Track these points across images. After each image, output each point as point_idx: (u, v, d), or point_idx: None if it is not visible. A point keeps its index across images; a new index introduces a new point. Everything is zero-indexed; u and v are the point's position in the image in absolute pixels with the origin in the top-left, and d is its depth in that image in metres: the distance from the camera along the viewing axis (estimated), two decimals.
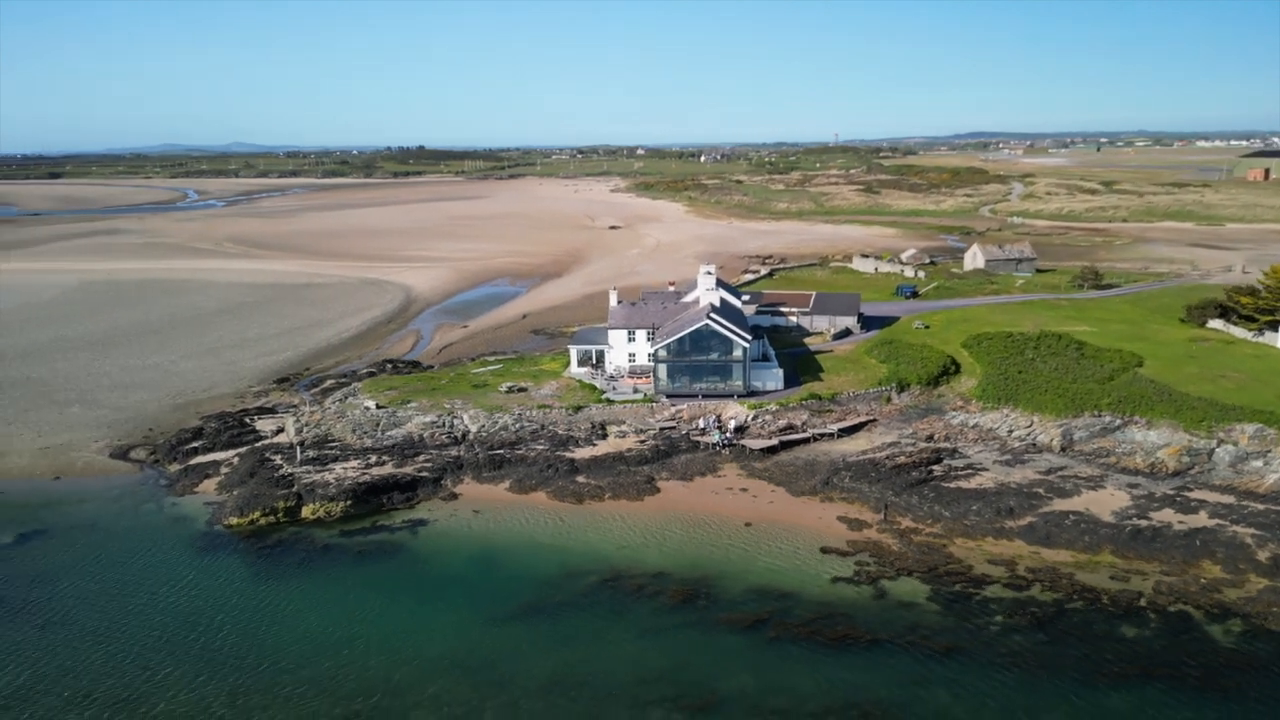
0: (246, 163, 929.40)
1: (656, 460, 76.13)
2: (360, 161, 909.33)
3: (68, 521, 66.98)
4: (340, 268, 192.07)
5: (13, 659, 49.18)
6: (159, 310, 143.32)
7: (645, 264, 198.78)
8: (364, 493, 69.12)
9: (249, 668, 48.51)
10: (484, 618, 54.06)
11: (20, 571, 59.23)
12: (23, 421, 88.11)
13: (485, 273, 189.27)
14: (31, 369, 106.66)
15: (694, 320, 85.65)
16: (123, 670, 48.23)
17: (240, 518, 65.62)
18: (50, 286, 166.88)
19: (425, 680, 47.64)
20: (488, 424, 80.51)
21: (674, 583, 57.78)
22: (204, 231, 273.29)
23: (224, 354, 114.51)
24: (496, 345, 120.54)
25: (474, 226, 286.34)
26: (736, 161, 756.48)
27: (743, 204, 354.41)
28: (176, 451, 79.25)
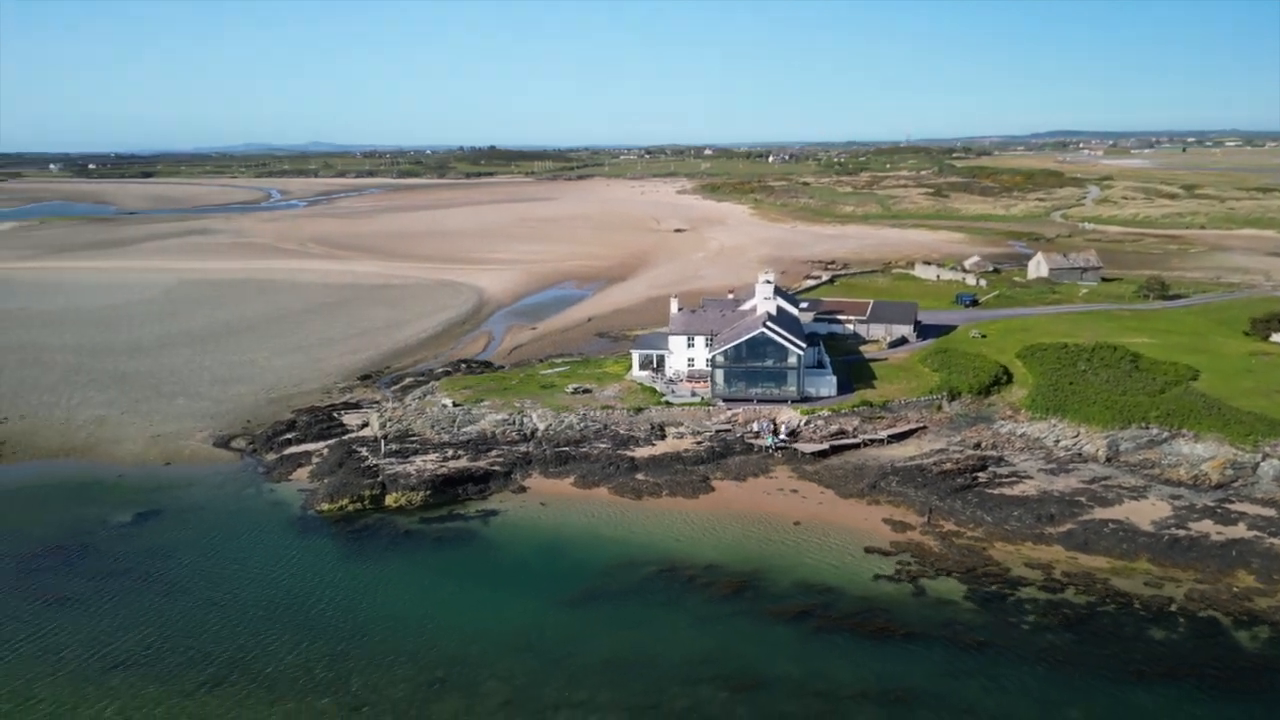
0: (325, 163, 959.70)
1: (712, 461, 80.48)
2: (434, 162, 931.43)
3: (179, 503, 74.48)
4: (415, 269, 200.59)
5: (142, 622, 56.17)
6: (251, 309, 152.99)
7: (709, 268, 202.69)
8: (441, 484, 75.05)
9: (344, 636, 54.58)
10: (549, 601, 59.23)
11: (142, 546, 66.64)
12: (135, 411, 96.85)
13: (553, 275, 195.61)
14: (140, 363, 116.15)
15: (751, 328, 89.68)
16: (235, 634, 54.78)
17: (331, 504, 72.15)
18: (150, 285, 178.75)
19: (496, 655, 52.97)
20: (554, 423, 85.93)
21: (725, 575, 62.14)
22: (288, 232, 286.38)
23: (311, 351, 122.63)
24: (563, 347, 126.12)
25: (543, 228, 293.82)
26: (805, 162, 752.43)
27: (808, 207, 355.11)
28: (272, 442, 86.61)
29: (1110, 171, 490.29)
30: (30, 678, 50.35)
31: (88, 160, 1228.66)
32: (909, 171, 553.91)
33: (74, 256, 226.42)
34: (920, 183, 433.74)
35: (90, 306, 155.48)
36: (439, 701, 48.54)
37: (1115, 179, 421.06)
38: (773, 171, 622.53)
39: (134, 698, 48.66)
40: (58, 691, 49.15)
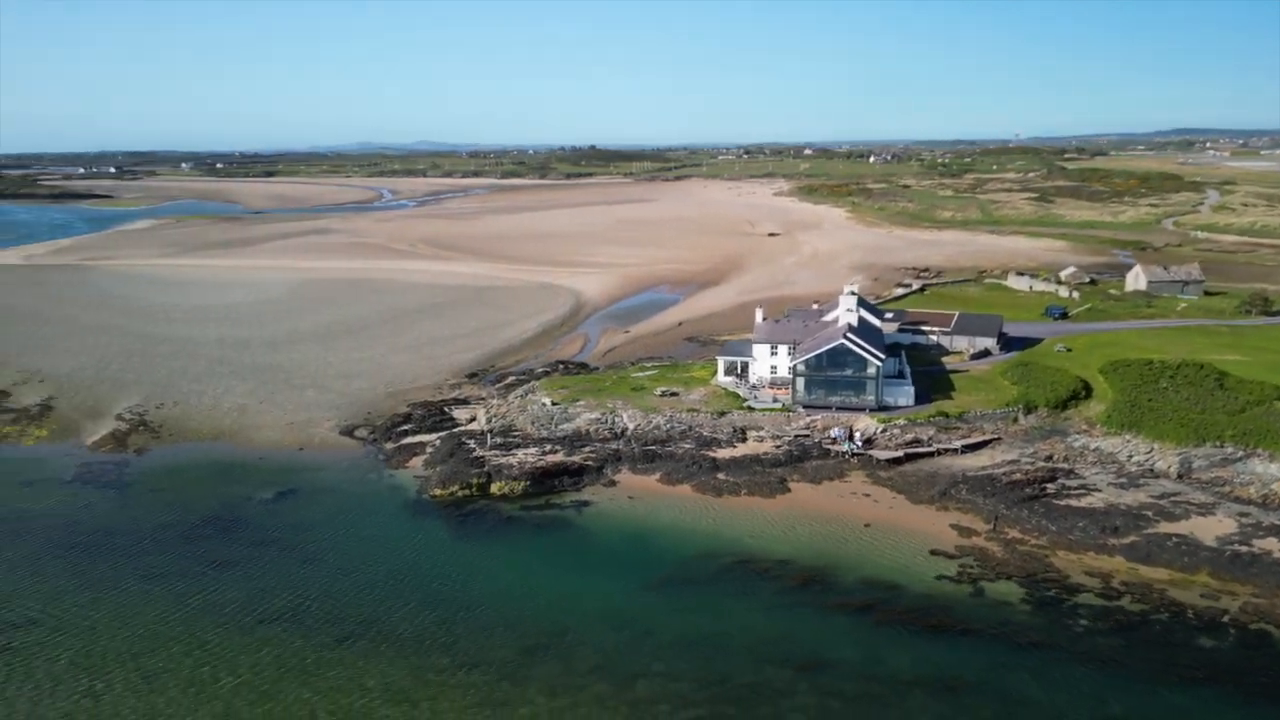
0: (433, 163, 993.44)
1: (789, 464, 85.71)
2: (536, 162, 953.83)
3: (312, 485, 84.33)
4: (517, 271, 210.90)
5: (286, 584, 65.47)
6: (368, 308, 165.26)
7: (800, 273, 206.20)
8: (540, 476, 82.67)
9: (455, 606, 62.53)
10: (634, 584, 65.86)
11: (283, 521, 76.45)
12: (272, 401, 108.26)
13: (647, 279, 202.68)
14: (274, 357, 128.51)
15: (832, 338, 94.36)
16: (363, 599, 63.43)
17: (442, 490, 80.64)
18: (277, 283, 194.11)
19: (587, 628, 59.94)
20: (643, 423, 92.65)
21: (796, 569, 67.56)
22: (399, 232, 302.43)
23: (424, 350, 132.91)
24: (654, 350, 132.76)
25: (638, 231, 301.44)
26: (907, 163, 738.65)
27: (906, 211, 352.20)
28: (391, 432, 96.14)
29: (1233, 174, 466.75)
30: (200, 627, 60.00)
31: (215, 159, 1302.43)
32: (1015, 174, 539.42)
33: (209, 255, 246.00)
34: (1026, 186, 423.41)
35: (227, 303, 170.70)
36: (538, 665, 55.76)
37: (1238, 183, 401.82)
38: (873, 173, 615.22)
39: (284, 648, 57.58)
40: (223, 639, 58.54)
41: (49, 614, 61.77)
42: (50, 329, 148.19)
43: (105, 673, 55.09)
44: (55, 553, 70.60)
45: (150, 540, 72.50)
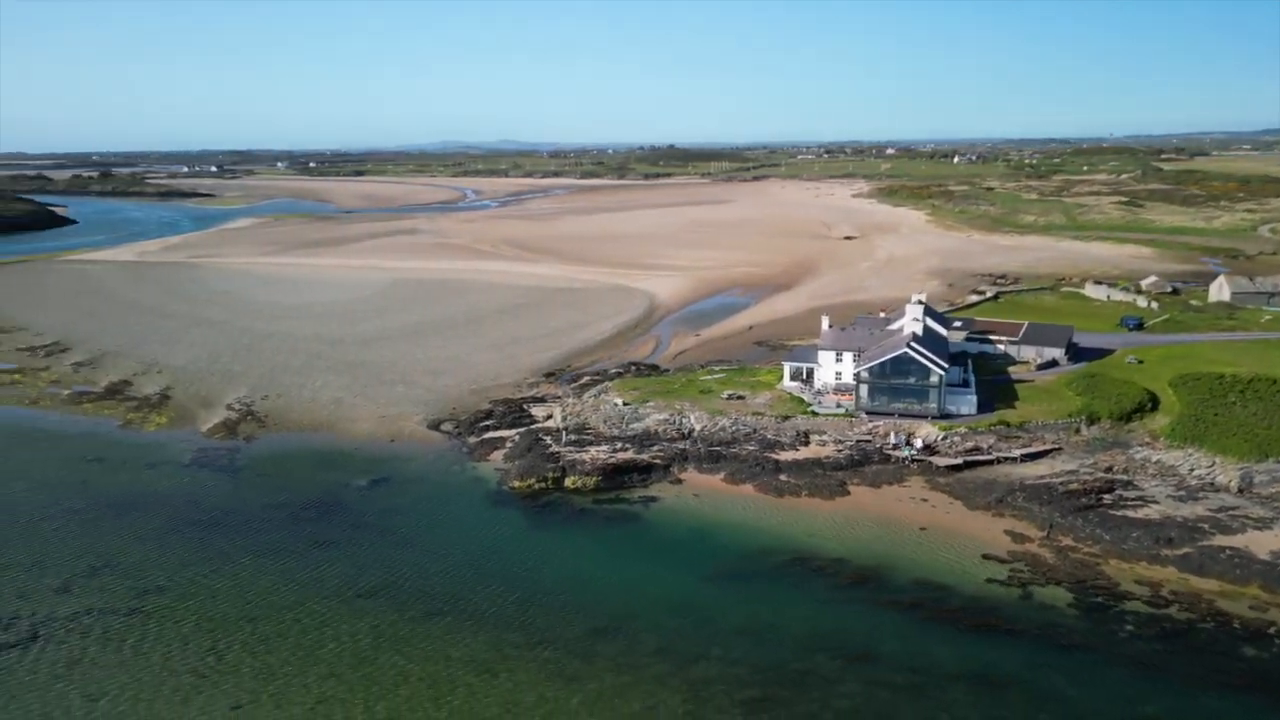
0: (515, 163, 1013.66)
1: (850, 468, 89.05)
2: (614, 162, 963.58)
3: (402, 474, 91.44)
4: (594, 273, 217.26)
5: (380, 563, 72.26)
6: (454, 308, 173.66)
7: (873, 279, 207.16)
8: (611, 472, 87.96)
9: (530, 588, 68.25)
10: (696, 575, 70.52)
11: (377, 506, 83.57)
12: (365, 396, 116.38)
13: (720, 282, 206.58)
14: (366, 354, 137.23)
15: (895, 347, 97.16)
16: (449, 579, 69.67)
17: (521, 482, 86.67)
18: (369, 283, 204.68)
19: (650, 613, 64.87)
20: (709, 425, 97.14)
21: (850, 568, 71.22)
22: (483, 233, 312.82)
23: (505, 349, 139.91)
24: (723, 354, 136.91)
25: (713, 233, 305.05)
26: (993, 164, 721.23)
27: (988, 215, 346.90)
28: (474, 427, 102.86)
29: None
30: (306, 598, 67.11)
31: (309, 158, 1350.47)
32: (1107, 175, 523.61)
33: (305, 254, 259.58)
34: (1116, 189, 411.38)
35: (323, 301, 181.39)
36: (605, 644, 60.97)
37: None
38: (956, 174, 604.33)
39: (379, 619, 64.14)
40: (326, 609, 65.48)
41: (175, 582, 69.76)
42: (165, 323, 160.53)
43: (225, 635, 62.46)
44: (178, 528, 78.99)
45: (260, 520, 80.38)
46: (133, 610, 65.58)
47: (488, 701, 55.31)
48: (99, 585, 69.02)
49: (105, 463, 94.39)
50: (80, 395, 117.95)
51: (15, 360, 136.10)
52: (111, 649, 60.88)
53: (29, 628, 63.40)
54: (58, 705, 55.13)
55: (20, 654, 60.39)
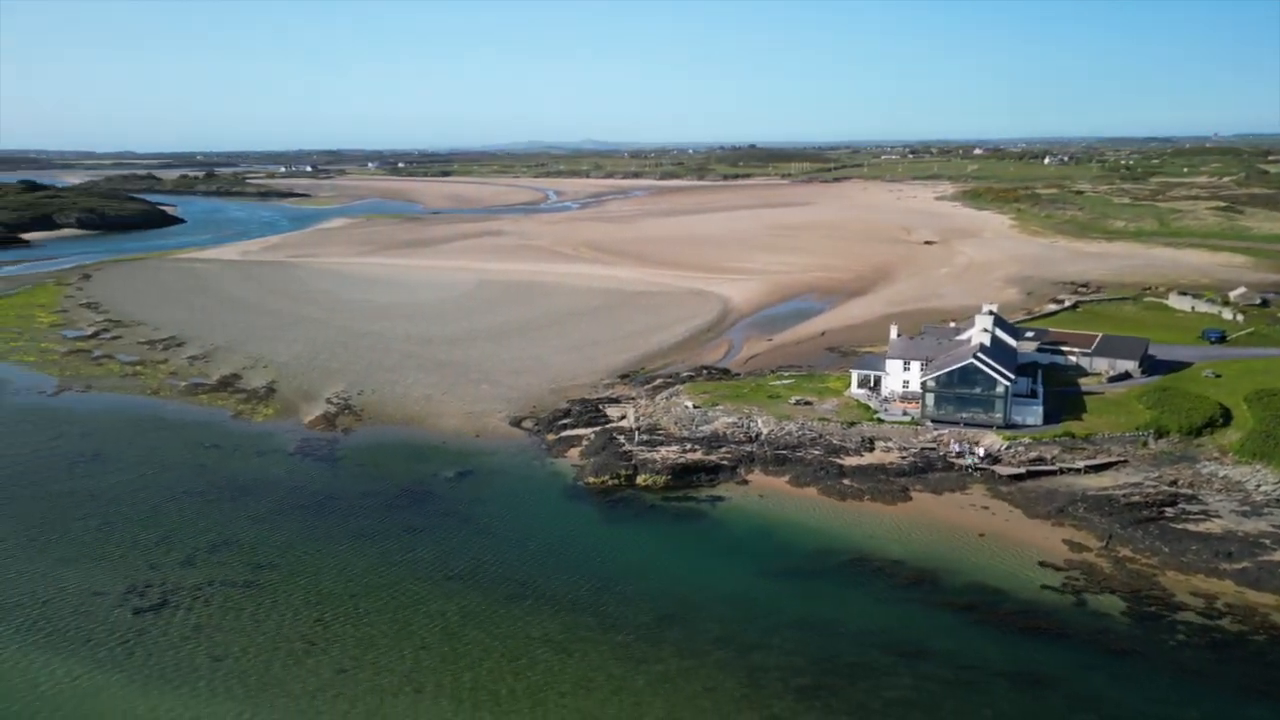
0: (596, 163, 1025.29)
1: (913, 474, 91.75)
2: (694, 163, 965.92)
3: (486, 467, 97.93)
4: (670, 276, 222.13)
5: (466, 548, 78.59)
6: (535, 309, 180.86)
7: (950, 286, 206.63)
8: (680, 471, 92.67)
9: (602, 576, 73.53)
10: (758, 571, 74.71)
11: (462, 496, 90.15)
12: (452, 393, 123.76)
13: (794, 287, 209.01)
14: (454, 353, 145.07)
15: (962, 358, 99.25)
16: (528, 565, 75.48)
17: (595, 478, 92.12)
18: (456, 284, 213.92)
19: (713, 604, 69.39)
20: (776, 429, 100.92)
21: (907, 570, 74.37)
22: (564, 235, 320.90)
23: (583, 350, 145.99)
24: (794, 359, 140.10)
25: (790, 237, 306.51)
26: (1086, 165, 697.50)
27: (1075, 220, 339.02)
28: (552, 425, 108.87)
29: None
30: (400, 578, 73.79)
31: (398, 158, 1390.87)
32: (1208, 178, 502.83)
33: (396, 254, 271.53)
34: (1215, 193, 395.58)
35: (415, 301, 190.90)
36: (669, 630, 65.78)
37: None
38: (1045, 176, 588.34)
39: (465, 600, 70.31)
40: (418, 589, 71.99)
41: (285, 559, 77.33)
42: (269, 320, 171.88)
43: (330, 608, 69.47)
44: (286, 511, 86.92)
45: (358, 506, 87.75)
46: (249, 583, 73.23)
47: (562, 677, 60.73)
48: (219, 560, 77.06)
49: (220, 449, 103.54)
50: (195, 387, 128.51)
51: (137, 353, 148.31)
52: (231, 616, 68.45)
53: (159, 595, 71.55)
54: (188, 663, 62.70)
55: (153, 618, 68.43)
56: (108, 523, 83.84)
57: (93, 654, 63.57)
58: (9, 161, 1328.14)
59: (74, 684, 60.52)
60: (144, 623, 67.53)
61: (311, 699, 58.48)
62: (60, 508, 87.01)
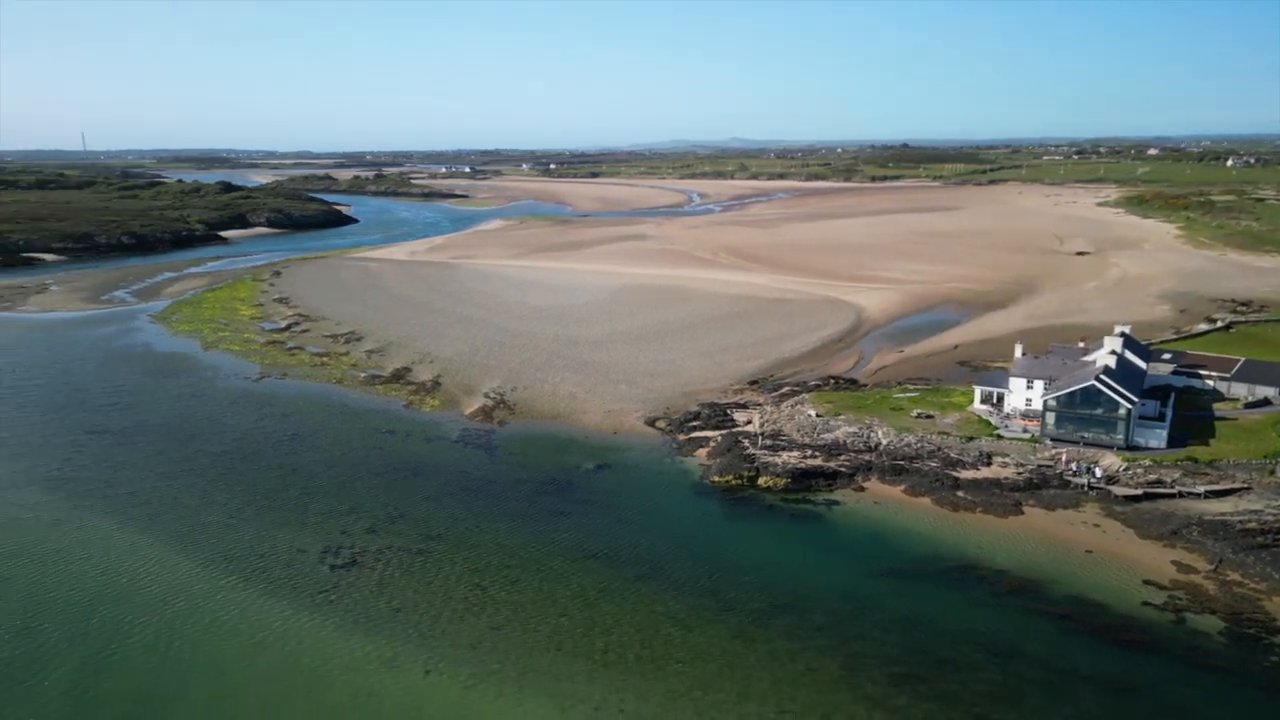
0: (740, 164, 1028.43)
1: (1028, 490, 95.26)
2: (841, 164, 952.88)
3: (622, 461, 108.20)
4: (806, 284, 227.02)
5: (601, 533, 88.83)
6: (672, 314, 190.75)
7: (1097, 301, 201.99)
8: (800, 475, 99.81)
9: (721, 565, 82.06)
10: (866, 571, 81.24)
11: (601, 487, 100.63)
12: (594, 392, 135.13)
13: (931, 298, 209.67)
14: (596, 354, 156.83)
15: (1084, 379, 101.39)
16: (655, 551, 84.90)
17: (720, 478, 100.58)
18: (600, 288, 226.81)
19: (821, 596, 76.63)
20: (895, 440, 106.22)
21: (1010, 578, 79.04)
22: (704, 240, 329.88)
23: (715, 356, 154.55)
24: (924, 372, 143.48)
25: (932, 245, 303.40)
26: (1277, 167, 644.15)
27: (1249, 230, 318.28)
28: (683, 426, 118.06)
29: None
30: (545, 555, 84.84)
31: (550, 158, 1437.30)
32: None
33: (547, 257, 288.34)
34: None
35: (563, 304, 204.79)
36: (779, 616, 73.59)
37: None
38: (1225, 179, 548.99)
39: (600, 577, 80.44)
40: (561, 565, 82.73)
41: (450, 532, 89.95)
42: (434, 319, 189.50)
43: (486, 576, 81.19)
44: (450, 492, 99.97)
45: (511, 490, 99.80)
46: (420, 550, 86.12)
47: (682, 649, 69.73)
48: (396, 529, 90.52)
49: (395, 435, 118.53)
50: (373, 378, 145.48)
51: (322, 346, 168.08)
52: (406, 577, 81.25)
53: (350, 555, 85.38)
54: (373, 612, 75.62)
55: (344, 573, 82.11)
56: (307, 493, 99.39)
57: (300, 600, 77.58)
58: (206, 161, 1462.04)
59: (285, 623, 74.40)
60: (338, 577, 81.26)
61: (472, 648, 69.97)
62: (270, 479, 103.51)
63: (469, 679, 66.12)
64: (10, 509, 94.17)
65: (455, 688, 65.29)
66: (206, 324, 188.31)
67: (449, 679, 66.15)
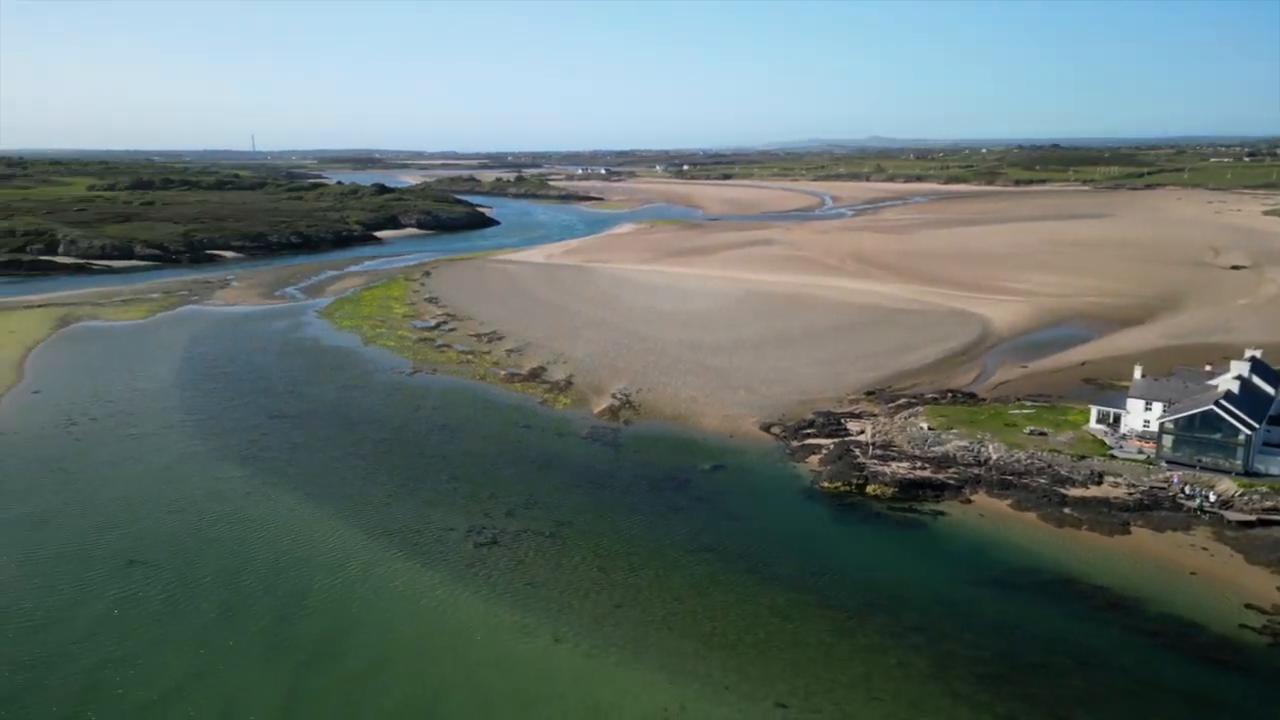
0: (878, 165, 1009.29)
1: (1137, 510, 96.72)
2: (984, 165, 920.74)
3: (737, 464, 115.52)
4: (933, 294, 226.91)
5: (713, 529, 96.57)
6: (794, 322, 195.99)
7: (1245, 319, 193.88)
8: (907, 485, 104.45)
9: (824, 564, 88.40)
10: (963, 578, 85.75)
11: (715, 485, 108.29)
12: (714, 397, 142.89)
13: (1063, 312, 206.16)
14: (717, 360, 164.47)
15: (1203, 403, 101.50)
16: (764, 547, 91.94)
17: (829, 483, 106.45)
18: (725, 294, 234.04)
19: (915, 598, 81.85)
20: (1006, 455, 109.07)
21: (1109, 594, 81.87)
22: (832, 246, 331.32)
23: (834, 365, 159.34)
24: (1046, 388, 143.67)
25: (1072, 255, 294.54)
26: None
27: None
28: (797, 433, 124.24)
29: None
30: (662, 545, 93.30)
31: (683, 159, 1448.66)
32: None
33: (675, 262, 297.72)
34: None
35: (688, 309, 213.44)
36: (875, 614, 79.45)
37: None
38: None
39: (711, 568, 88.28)
40: (675, 555, 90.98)
41: (578, 520, 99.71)
42: (568, 320, 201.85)
43: (609, 561, 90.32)
44: (579, 483, 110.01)
45: (632, 485, 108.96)
46: (551, 534, 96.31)
47: (782, 637, 76.79)
48: (530, 515, 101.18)
49: (531, 429, 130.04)
50: (512, 376, 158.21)
51: (468, 344, 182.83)
52: (539, 557, 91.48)
53: (491, 535, 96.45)
54: (511, 586, 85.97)
55: (487, 551, 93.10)
56: (455, 478, 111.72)
57: (448, 571, 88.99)
58: (361, 161, 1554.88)
59: (436, 591, 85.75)
60: (481, 554, 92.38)
61: (596, 622, 79.27)
62: (423, 464, 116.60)
63: (591, 648, 75.39)
64: (213, 481, 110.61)
65: (580, 655, 74.69)
66: (365, 320, 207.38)
67: (574, 647, 75.63)
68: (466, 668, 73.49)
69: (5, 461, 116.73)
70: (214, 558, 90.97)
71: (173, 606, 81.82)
